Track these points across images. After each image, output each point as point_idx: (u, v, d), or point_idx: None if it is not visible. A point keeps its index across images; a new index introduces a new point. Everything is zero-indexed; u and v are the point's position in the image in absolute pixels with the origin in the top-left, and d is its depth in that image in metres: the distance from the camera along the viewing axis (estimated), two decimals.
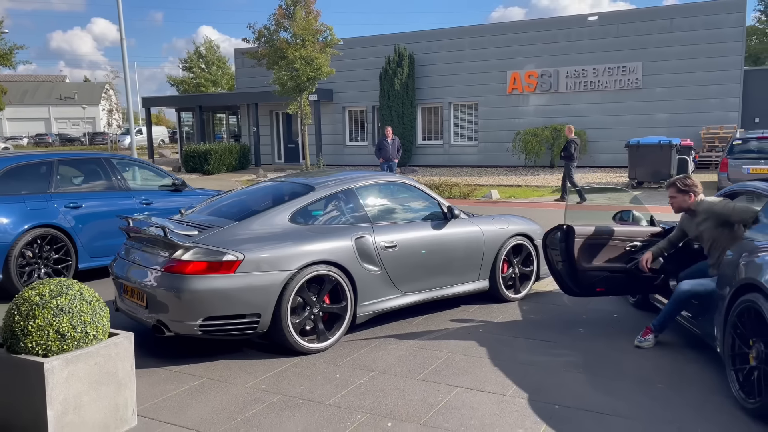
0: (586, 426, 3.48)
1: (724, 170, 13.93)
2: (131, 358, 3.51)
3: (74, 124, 71.29)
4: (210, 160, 24.61)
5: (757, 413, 3.49)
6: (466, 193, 16.43)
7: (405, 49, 23.96)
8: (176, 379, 4.24)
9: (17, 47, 27.28)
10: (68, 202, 6.94)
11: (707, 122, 20.24)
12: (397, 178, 5.99)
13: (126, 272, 4.86)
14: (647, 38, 20.77)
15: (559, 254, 5.16)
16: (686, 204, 4.80)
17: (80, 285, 3.40)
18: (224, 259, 4.39)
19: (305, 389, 4.05)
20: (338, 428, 3.50)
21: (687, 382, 4.09)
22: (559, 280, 5.29)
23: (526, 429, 3.46)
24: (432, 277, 5.51)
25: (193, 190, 8.40)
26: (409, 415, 3.65)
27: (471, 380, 4.16)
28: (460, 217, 5.82)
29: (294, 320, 4.60)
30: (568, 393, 3.93)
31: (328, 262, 4.76)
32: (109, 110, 43.70)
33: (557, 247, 5.16)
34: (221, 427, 3.53)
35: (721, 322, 3.99)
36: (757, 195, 4.51)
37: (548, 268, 5.47)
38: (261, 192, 5.67)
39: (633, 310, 5.82)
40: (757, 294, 3.56)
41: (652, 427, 3.46)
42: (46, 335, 3.14)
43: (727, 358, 3.88)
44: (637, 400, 3.82)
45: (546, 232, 5.41)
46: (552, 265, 5.30)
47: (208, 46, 54.22)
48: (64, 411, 3.14)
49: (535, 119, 22.54)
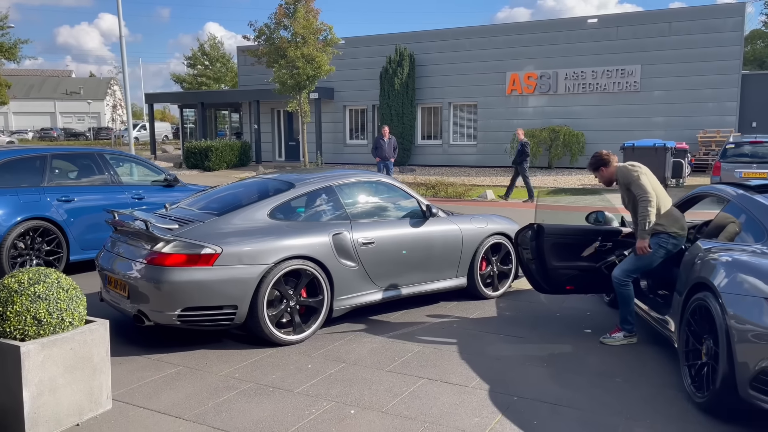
0: (540, 415, 3.64)
1: (716, 174, 14.03)
2: (106, 345, 3.67)
3: (79, 119, 71.75)
4: (211, 156, 24.81)
5: (705, 407, 3.64)
6: (461, 193, 16.57)
7: (405, 48, 24.11)
8: (154, 367, 4.41)
9: (22, 42, 27.55)
10: (61, 196, 7.13)
11: (704, 126, 20.33)
12: (378, 177, 6.15)
13: (110, 264, 5.03)
14: (646, 41, 20.87)
15: (530, 252, 5.31)
16: (609, 173, 4.97)
17: (58, 273, 3.57)
18: (203, 252, 4.56)
19: (277, 378, 4.21)
20: (303, 414, 3.66)
21: (645, 377, 4.24)
22: (530, 277, 5.44)
23: (483, 418, 3.62)
24: (409, 274, 5.67)
25: (185, 186, 8.58)
26: (373, 404, 3.81)
27: (437, 372, 4.31)
28: (439, 215, 5.97)
29: (270, 312, 4.76)
30: (528, 386, 4.09)
31: (305, 257, 4.92)
32: (113, 105, 44.00)
33: (528, 246, 5.31)
34: (191, 412, 3.70)
35: (678, 319, 4.14)
36: (719, 198, 4.64)
37: (520, 266, 5.62)
38: (244, 188, 5.84)
39: (607, 309, 5.96)
40: (708, 293, 3.71)
41: (602, 417, 3.62)
42: (23, 320, 3.31)
43: (682, 354, 4.03)
44: (593, 392, 3.97)
45: (517, 231, 5.56)
46: (523, 263, 5.45)
47: (213, 44, 54.42)
48: (39, 392, 3.31)
49: (534, 120, 22.65)
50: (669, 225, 4.70)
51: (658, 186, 4.80)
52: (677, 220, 4.75)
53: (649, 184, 4.66)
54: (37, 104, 71.61)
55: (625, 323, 4.92)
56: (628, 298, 4.85)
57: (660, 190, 4.79)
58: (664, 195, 4.81)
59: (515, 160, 15.58)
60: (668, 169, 16.44)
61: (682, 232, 4.73)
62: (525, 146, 15.37)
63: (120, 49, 21.50)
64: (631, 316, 4.91)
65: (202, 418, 3.62)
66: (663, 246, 4.71)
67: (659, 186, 4.81)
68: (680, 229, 4.72)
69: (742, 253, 3.75)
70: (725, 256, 3.77)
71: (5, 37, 27.23)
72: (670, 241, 4.70)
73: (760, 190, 4.35)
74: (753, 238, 3.97)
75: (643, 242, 4.63)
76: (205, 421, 3.58)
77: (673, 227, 4.69)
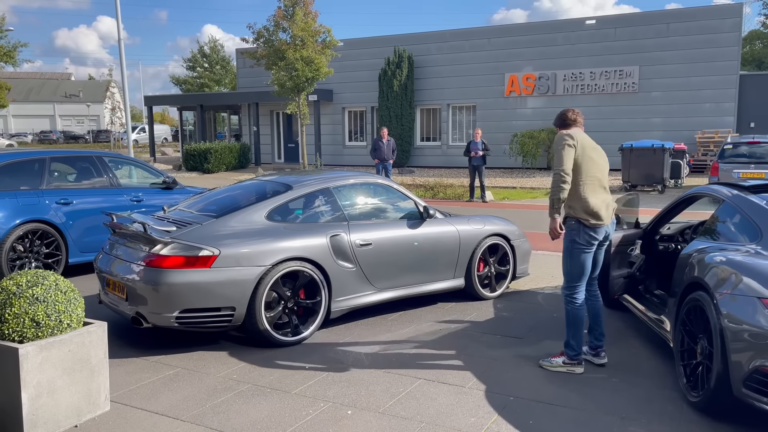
0: (535, 415, 3.65)
1: (714, 174, 14.05)
2: (104, 346, 3.69)
3: (79, 122, 71.74)
4: (210, 158, 24.84)
5: (699, 406, 3.66)
6: (460, 194, 16.60)
7: (404, 50, 24.16)
8: (152, 369, 4.43)
9: (21, 45, 27.60)
10: (59, 199, 7.15)
11: (703, 126, 20.37)
12: (375, 179, 6.17)
13: (109, 266, 5.05)
14: (644, 42, 20.92)
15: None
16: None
17: (56, 276, 3.59)
18: (200, 254, 4.58)
19: (274, 379, 4.23)
20: (300, 415, 3.68)
21: (642, 377, 4.26)
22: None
23: (479, 418, 3.64)
24: (407, 275, 5.69)
25: (183, 188, 8.60)
26: (370, 404, 3.82)
27: (434, 373, 4.33)
28: (436, 216, 5.99)
29: (268, 314, 4.78)
30: (524, 386, 4.11)
31: (302, 259, 4.94)
32: (112, 108, 44.03)
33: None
34: (189, 413, 3.72)
35: (673, 319, 4.16)
36: (714, 198, 4.67)
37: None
38: (242, 190, 5.85)
39: (605, 309, 5.97)
40: (702, 293, 3.73)
41: (597, 416, 3.64)
42: (21, 323, 3.33)
43: (677, 353, 4.05)
44: (589, 392, 3.99)
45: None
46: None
47: (213, 46, 54.52)
48: (38, 394, 3.33)
49: (533, 122, 22.69)
50: (578, 210, 4.11)
51: (592, 165, 4.15)
52: (590, 207, 4.08)
53: (569, 159, 4.04)
54: (36, 107, 71.59)
55: (568, 348, 4.30)
56: (572, 317, 4.26)
57: (594, 170, 4.15)
58: (594, 177, 4.14)
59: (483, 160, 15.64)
60: (667, 170, 16.47)
61: (593, 219, 4.08)
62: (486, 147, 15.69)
63: (119, 52, 21.53)
64: (575, 339, 4.27)
65: (200, 419, 3.64)
66: (573, 236, 4.15)
67: (594, 166, 4.16)
68: (590, 216, 4.08)
69: (736, 253, 3.77)
70: (720, 256, 3.79)
71: (3, 40, 27.28)
72: (581, 230, 4.11)
73: (755, 190, 4.37)
74: (747, 238, 4.00)
75: (553, 222, 4.08)
76: (203, 422, 3.60)
77: (581, 213, 4.09)
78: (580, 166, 4.13)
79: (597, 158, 4.23)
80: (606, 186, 4.27)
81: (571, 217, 4.18)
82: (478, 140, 15.66)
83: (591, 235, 4.16)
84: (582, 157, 4.15)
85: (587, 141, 4.27)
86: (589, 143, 4.27)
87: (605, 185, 4.26)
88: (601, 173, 4.24)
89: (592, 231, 4.16)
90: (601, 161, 4.27)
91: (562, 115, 4.43)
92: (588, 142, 4.26)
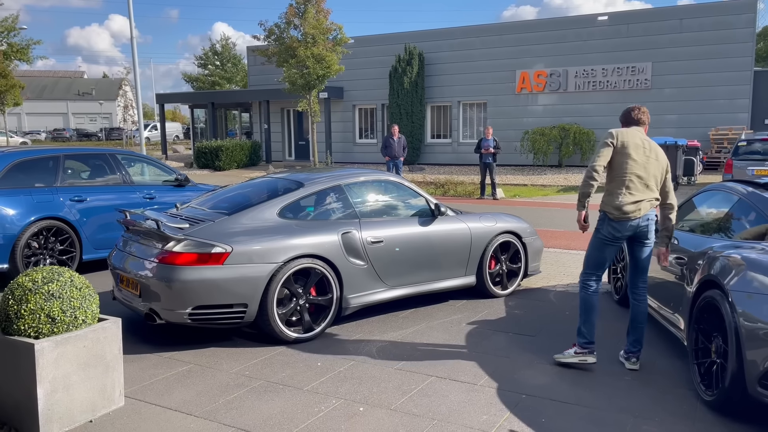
0: (548, 413, 3.65)
1: (728, 171, 13.92)
2: (119, 342, 3.72)
3: (92, 120, 72.28)
4: (221, 156, 24.96)
5: (714, 405, 3.64)
6: (470, 191, 16.57)
7: (415, 47, 24.11)
8: (165, 365, 4.46)
9: (33, 42, 27.80)
10: (73, 196, 7.21)
11: (716, 123, 20.18)
12: (387, 176, 6.17)
13: (122, 263, 5.09)
14: (657, 38, 20.75)
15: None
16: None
17: (71, 272, 3.62)
18: (213, 251, 4.60)
19: (286, 376, 4.25)
20: (313, 411, 3.69)
21: (655, 375, 4.23)
22: None
23: (491, 416, 3.63)
24: (418, 272, 5.69)
25: (195, 185, 8.65)
26: (382, 401, 3.83)
27: (446, 370, 4.33)
28: (448, 214, 5.99)
29: (280, 311, 4.80)
30: (537, 384, 4.10)
31: (314, 256, 4.95)
32: (124, 106, 44.31)
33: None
34: (203, 409, 3.74)
35: (687, 318, 4.13)
36: (728, 195, 4.62)
37: None
38: (253, 187, 5.88)
39: (616, 306, 5.96)
40: (717, 291, 3.70)
41: (610, 414, 3.62)
42: (37, 319, 3.36)
43: (691, 352, 4.02)
44: (602, 390, 3.98)
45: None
46: None
47: (225, 44, 54.66)
48: (53, 389, 3.36)
49: (544, 119, 22.59)
50: (606, 202, 4.26)
51: (632, 164, 4.20)
52: (614, 201, 4.19)
53: (602, 156, 4.19)
54: (49, 105, 72.21)
55: (580, 335, 4.38)
56: (584, 303, 4.36)
57: (635, 169, 4.20)
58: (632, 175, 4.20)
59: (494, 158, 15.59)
60: (680, 167, 16.36)
61: (617, 213, 4.18)
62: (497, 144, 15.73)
63: (131, 50, 21.66)
64: (586, 326, 4.34)
65: (213, 415, 3.66)
66: (598, 226, 4.32)
67: (634, 165, 4.20)
68: (614, 210, 4.19)
69: (751, 251, 3.73)
70: (734, 253, 3.75)
71: (17, 38, 27.50)
72: (605, 221, 4.25)
73: None
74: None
75: (578, 216, 4.31)
76: (216, 417, 3.62)
77: (608, 206, 4.23)
78: (616, 163, 4.23)
79: (639, 157, 4.23)
80: (651, 185, 4.26)
81: (602, 209, 4.33)
82: (490, 137, 15.64)
83: (614, 227, 4.24)
84: (620, 155, 4.22)
85: (633, 140, 4.28)
86: (635, 142, 4.27)
87: (649, 184, 4.25)
88: (645, 172, 4.24)
89: (616, 224, 4.23)
90: (645, 160, 4.25)
91: (624, 113, 4.58)
92: (634, 141, 4.27)
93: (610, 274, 6.41)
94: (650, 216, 4.29)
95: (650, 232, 4.33)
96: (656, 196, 4.30)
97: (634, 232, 4.27)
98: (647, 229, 4.30)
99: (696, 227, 5.05)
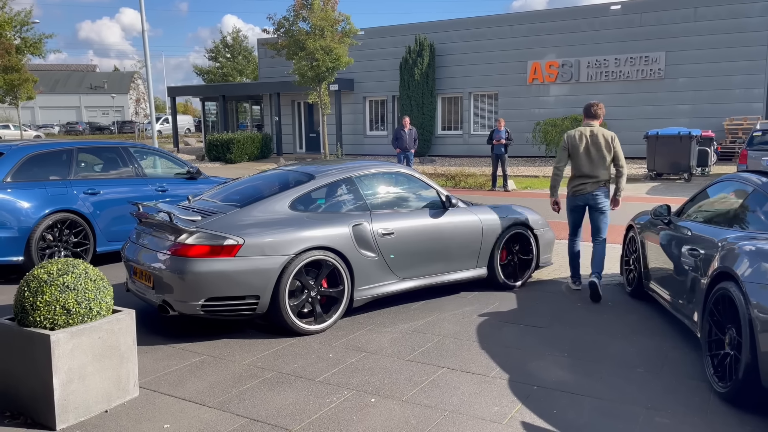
0: (559, 405, 3.64)
1: (743, 162, 13.75)
2: (133, 333, 3.76)
3: (104, 113, 72.81)
4: (232, 149, 25.04)
5: (727, 397, 3.62)
6: (482, 183, 16.52)
7: (425, 38, 24.01)
8: (179, 356, 4.51)
9: (46, 36, 27.95)
10: (87, 189, 7.27)
11: (731, 113, 19.95)
12: (397, 168, 6.16)
13: (136, 255, 5.13)
14: (671, 27, 20.52)
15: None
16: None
17: (86, 264, 3.66)
18: (225, 243, 4.63)
19: (298, 367, 4.27)
20: (324, 403, 3.72)
21: (667, 367, 4.22)
22: None
23: (502, 407, 3.64)
24: (429, 264, 5.69)
25: (207, 178, 8.69)
26: (393, 393, 3.85)
27: (457, 362, 4.34)
28: (459, 206, 5.98)
29: (292, 302, 4.82)
30: (548, 375, 4.09)
31: (325, 248, 4.97)
32: (136, 99, 44.52)
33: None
34: (216, 399, 3.78)
35: (700, 309, 4.11)
36: (743, 186, 4.57)
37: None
38: (265, 180, 5.90)
39: (628, 298, 5.93)
40: (731, 282, 3.67)
41: (622, 406, 3.61)
42: (53, 310, 3.40)
43: (704, 343, 4.00)
44: (613, 382, 3.97)
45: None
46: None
47: (235, 36, 54.68)
48: (69, 380, 3.40)
49: (556, 109, 22.46)
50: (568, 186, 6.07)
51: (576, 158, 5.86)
52: (570, 185, 6.03)
53: (560, 158, 6.01)
54: (62, 98, 72.76)
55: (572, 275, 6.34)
56: (569, 253, 6.28)
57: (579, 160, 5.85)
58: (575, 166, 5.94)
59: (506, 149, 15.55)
60: (693, 158, 16.19)
61: (571, 191, 6.05)
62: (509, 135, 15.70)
63: (143, 43, 21.74)
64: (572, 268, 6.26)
65: (226, 405, 3.69)
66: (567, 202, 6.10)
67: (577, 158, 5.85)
68: (569, 189, 6.05)
69: (765, 242, 3.69)
70: (749, 245, 3.72)
71: (30, 32, 27.66)
72: (567, 198, 6.06)
73: None
74: None
75: (551, 200, 6.19)
76: (228, 408, 3.66)
77: (567, 187, 6.02)
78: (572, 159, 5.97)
79: (584, 153, 5.87)
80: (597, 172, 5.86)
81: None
82: (502, 129, 15.57)
83: (570, 200, 6.09)
84: (572, 155, 5.96)
85: (579, 141, 5.88)
86: (580, 143, 5.88)
87: (594, 172, 5.86)
88: (589, 162, 5.86)
89: (571, 198, 6.09)
90: (588, 153, 5.85)
91: (585, 108, 6.13)
92: (578, 142, 5.88)
93: (622, 266, 6.39)
94: (597, 192, 5.86)
95: (600, 203, 5.89)
96: (603, 178, 5.86)
97: (586, 202, 5.95)
98: (595, 201, 5.89)
99: (710, 218, 4.99)
